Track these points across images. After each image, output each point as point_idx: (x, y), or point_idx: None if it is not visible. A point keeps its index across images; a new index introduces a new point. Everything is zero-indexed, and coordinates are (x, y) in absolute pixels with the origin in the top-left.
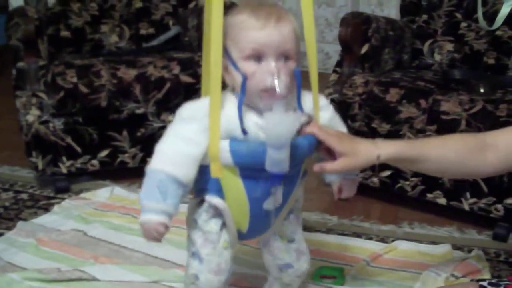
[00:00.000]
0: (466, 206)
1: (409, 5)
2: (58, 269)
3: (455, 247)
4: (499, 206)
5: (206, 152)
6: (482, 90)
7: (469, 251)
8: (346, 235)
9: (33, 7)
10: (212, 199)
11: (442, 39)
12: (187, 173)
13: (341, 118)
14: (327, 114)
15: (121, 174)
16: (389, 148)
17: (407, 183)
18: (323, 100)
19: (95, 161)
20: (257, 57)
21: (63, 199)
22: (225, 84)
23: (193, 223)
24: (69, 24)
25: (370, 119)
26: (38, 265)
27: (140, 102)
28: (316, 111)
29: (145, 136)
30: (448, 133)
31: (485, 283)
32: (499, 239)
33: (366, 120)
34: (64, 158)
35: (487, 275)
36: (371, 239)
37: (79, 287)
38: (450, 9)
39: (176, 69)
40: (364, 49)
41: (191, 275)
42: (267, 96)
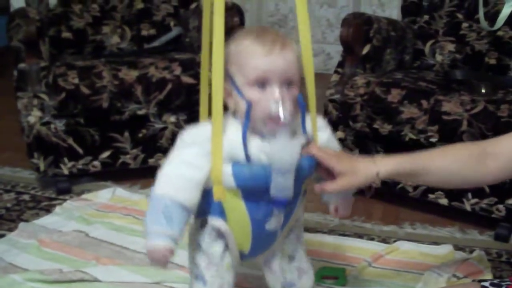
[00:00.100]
0: (468, 207)
1: (411, 5)
2: (60, 270)
3: (456, 247)
4: (500, 206)
5: (208, 176)
6: (483, 91)
7: (471, 251)
8: (347, 235)
9: (34, 8)
10: (215, 221)
11: (443, 39)
12: (191, 198)
13: (343, 119)
14: (325, 134)
15: (122, 175)
16: (388, 165)
17: (409, 183)
18: (320, 121)
19: (96, 162)
20: (262, 83)
21: (64, 200)
22: (226, 107)
23: (196, 245)
24: (70, 25)
25: (371, 120)
26: (40, 266)
27: (141, 103)
28: (314, 132)
29: (147, 137)
30: (450, 133)
31: (487, 284)
32: (501, 239)
33: (368, 121)
34: (66, 159)
35: (489, 276)
36: (372, 239)
37: None
38: (452, 9)
39: (178, 70)
40: (366, 50)
41: None
42: (272, 123)
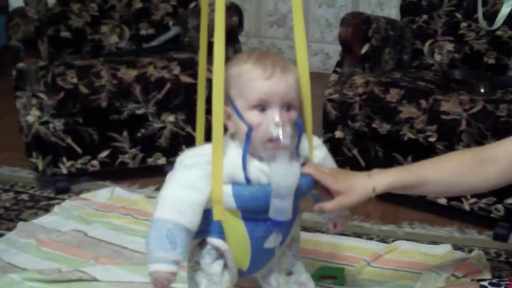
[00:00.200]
0: (467, 206)
1: (409, 5)
2: (59, 269)
3: (455, 247)
4: (499, 206)
5: (209, 197)
6: (482, 90)
7: (470, 251)
8: (346, 235)
9: (33, 8)
10: (214, 241)
11: (442, 39)
12: (193, 220)
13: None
14: (321, 153)
15: (121, 174)
16: (384, 179)
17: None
18: (316, 140)
19: (95, 162)
20: (262, 106)
21: (63, 199)
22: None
23: (196, 265)
24: (69, 24)
25: (370, 119)
26: (39, 265)
27: (140, 103)
28: (311, 151)
29: (145, 136)
30: (449, 133)
31: (485, 283)
32: (500, 239)
33: (367, 120)
34: (64, 159)
35: (487, 275)
36: (371, 239)
37: (80, 287)
38: (450, 9)
39: (176, 69)
40: (364, 49)
41: None
42: (272, 147)
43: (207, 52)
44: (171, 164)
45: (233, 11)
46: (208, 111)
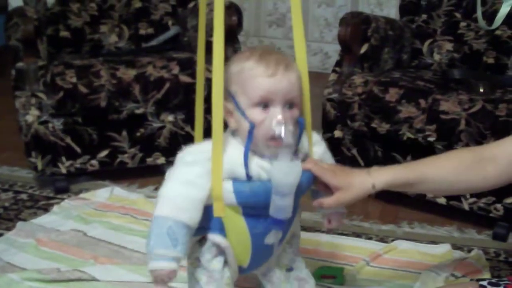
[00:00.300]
0: (466, 206)
1: (409, 4)
2: (58, 269)
3: (455, 246)
4: (498, 205)
5: (209, 194)
6: (481, 90)
7: (469, 250)
8: (345, 235)
9: (32, 8)
10: (215, 237)
11: (441, 38)
12: (194, 217)
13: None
14: (320, 149)
15: (120, 174)
16: (383, 176)
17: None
18: (315, 136)
19: (94, 161)
20: (265, 104)
21: (62, 199)
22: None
23: (196, 261)
24: (68, 24)
25: (369, 119)
26: (38, 265)
27: (139, 102)
28: (310, 147)
29: (145, 136)
30: (448, 132)
31: (485, 283)
32: (499, 238)
33: (366, 120)
34: (64, 158)
35: (487, 275)
36: (371, 239)
37: (79, 287)
38: (450, 8)
39: (176, 69)
40: (364, 49)
41: None
42: (274, 144)
43: (205, 52)
44: (170, 163)
45: (232, 10)
46: (207, 110)
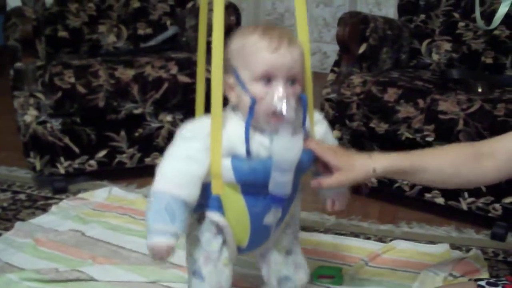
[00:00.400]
0: (464, 206)
1: (407, 4)
2: (56, 269)
3: (453, 246)
4: (497, 205)
5: (208, 170)
6: (480, 90)
7: (468, 250)
8: (344, 235)
9: (30, 8)
10: (213, 215)
11: (440, 38)
12: (192, 193)
13: (339, 118)
14: (322, 129)
15: (119, 174)
16: (385, 161)
17: (405, 183)
18: (317, 115)
19: (93, 162)
20: (267, 79)
21: (61, 199)
22: (225, 101)
23: (195, 240)
24: (66, 24)
25: (368, 119)
26: (36, 265)
27: (137, 102)
28: (312, 126)
29: (143, 136)
30: (446, 132)
31: (483, 283)
32: (497, 238)
33: (364, 120)
34: (62, 159)
35: (485, 275)
36: (369, 238)
37: (77, 287)
38: (448, 8)
39: (174, 69)
40: (362, 49)
41: None
42: (275, 120)
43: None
44: None
45: (230, 10)
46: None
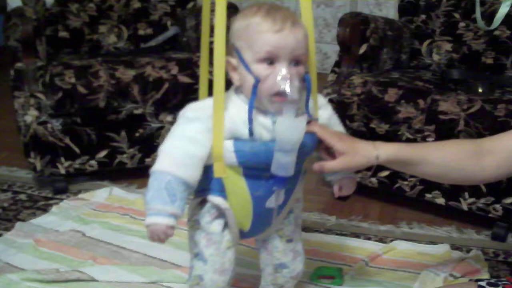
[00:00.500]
0: (465, 206)
1: (408, 5)
2: (57, 270)
3: (453, 247)
4: (497, 206)
5: (210, 152)
6: (480, 90)
7: (468, 251)
8: (344, 235)
9: (31, 8)
10: (215, 199)
11: (440, 39)
12: (193, 174)
13: (339, 119)
14: (326, 113)
15: (119, 174)
16: (388, 149)
17: (406, 183)
18: (321, 99)
19: (93, 162)
20: (271, 59)
21: (61, 199)
22: (228, 84)
23: (195, 224)
24: (67, 24)
25: (368, 119)
26: (37, 266)
27: (138, 103)
28: (316, 109)
29: (144, 136)
30: (447, 133)
31: (483, 283)
32: (498, 239)
33: (365, 120)
34: (63, 159)
35: (485, 275)
36: (369, 239)
37: (78, 287)
38: (449, 9)
39: (175, 69)
40: (363, 49)
41: (195, 276)
42: (278, 100)
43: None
44: None
45: (231, 10)
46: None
